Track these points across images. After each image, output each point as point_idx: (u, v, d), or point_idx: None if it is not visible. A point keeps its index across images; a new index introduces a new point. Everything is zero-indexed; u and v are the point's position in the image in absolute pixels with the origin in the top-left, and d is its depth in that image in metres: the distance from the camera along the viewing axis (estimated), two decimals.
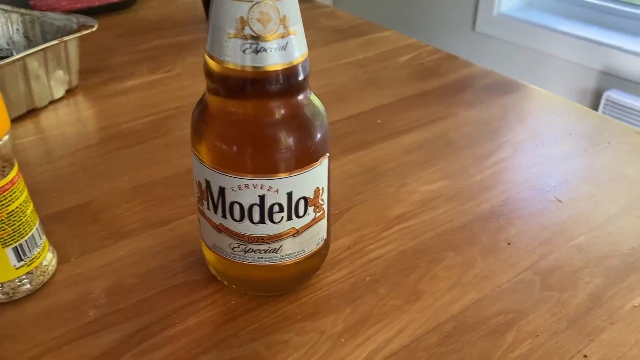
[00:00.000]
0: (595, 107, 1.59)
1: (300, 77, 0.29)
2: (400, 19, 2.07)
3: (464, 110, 0.56)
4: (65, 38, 0.54)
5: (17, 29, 0.62)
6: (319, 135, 0.31)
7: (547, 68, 1.70)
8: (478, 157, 0.48)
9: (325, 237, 0.34)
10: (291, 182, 0.30)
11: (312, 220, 0.32)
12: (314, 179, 0.31)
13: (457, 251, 0.39)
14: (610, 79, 1.54)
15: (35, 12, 0.60)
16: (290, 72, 0.28)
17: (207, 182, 0.31)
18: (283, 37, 0.27)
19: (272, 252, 0.32)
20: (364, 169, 0.47)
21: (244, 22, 0.27)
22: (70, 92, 0.58)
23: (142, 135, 0.51)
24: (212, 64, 0.29)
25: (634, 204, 0.43)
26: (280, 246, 0.32)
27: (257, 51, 0.27)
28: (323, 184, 0.32)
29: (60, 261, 0.37)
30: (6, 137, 0.31)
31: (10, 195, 0.32)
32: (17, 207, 0.32)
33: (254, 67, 0.28)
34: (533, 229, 0.41)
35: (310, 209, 0.32)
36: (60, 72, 0.56)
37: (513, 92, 0.60)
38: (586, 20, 1.66)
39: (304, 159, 0.30)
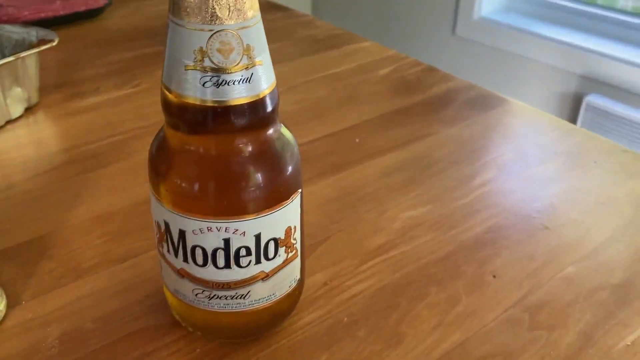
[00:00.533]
0: (575, 112, 1.59)
1: (268, 110, 0.27)
2: (380, 21, 2.05)
3: (446, 128, 0.54)
4: (23, 54, 0.50)
5: None
6: (289, 171, 0.28)
7: (528, 72, 1.69)
8: (462, 179, 0.46)
9: (298, 277, 0.32)
10: (259, 224, 0.27)
11: (284, 261, 0.30)
12: (285, 218, 0.29)
13: (441, 286, 0.36)
14: (591, 83, 1.53)
15: None
16: (256, 106, 0.26)
17: (166, 224, 0.28)
18: (247, 68, 0.25)
19: (240, 298, 0.29)
20: (341, 194, 0.44)
21: (202, 52, 0.24)
22: (29, 110, 0.55)
23: (104, 159, 0.48)
24: (169, 97, 0.26)
25: (623, 230, 0.41)
26: (249, 292, 0.29)
27: (218, 84, 0.24)
28: (295, 222, 0.30)
29: (11, 304, 0.34)
30: None
31: None
32: None
33: (216, 102, 0.25)
34: (520, 259, 0.38)
35: (282, 249, 0.29)
36: (18, 90, 0.52)
37: (496, 107, 0.58)
38: (566, 24, 1.66)
39: (274, 197, 0.28)
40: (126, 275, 0.36)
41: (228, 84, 0.25)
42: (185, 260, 0.28)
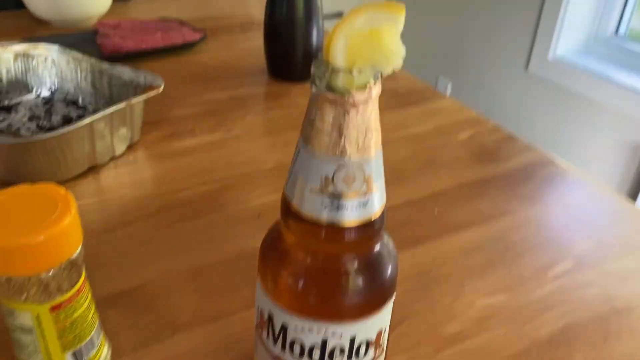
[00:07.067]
0: None
1: (377, 227, 0.29)
2: (454, 53, 2.05)
3: (525, 207, 0.54)
4: (133, 100, 0.54)
5: (85, 77, 0.63)
6: (387, 281, 0.30)
7: (600, 118, 1.66)
8: (538, 268, 0.47)
9: None
10: (356, 328, 0.30)
11: (372, 359, 0.32)
12: (379, 322, 0.31)
13: None
14: None
15: (105, 65, 0.61)
16: (367, 225, 0.28)
17: (270, 315, 0.30)
18: (365, 194, 0.27)
19: None
20: (419, 271, 0.46)
21: (328, 181, 0.26)
22: (131, 147, 0.59)
23: (199, 208, 0.51)
24: (290, 206, 0.28)
25: None
26: None
27: (338, 208, 0.27)
28: (386, 324, 0.32)
29: (114, 354, 0.37)
30: (80, 248, 0.31)
31: (75, 304, 0.32)
32: (80, 314, 0.32)
33: (332, 222, 0.27)
34: None
35: (371, 349, 0.31)
36: (124, 130, 0.57)
37: (576, 189, 0.58)
38: None
39: (371, 305, 0.30)
40: (217, 335, 0.39)
41: (346, 209, 0.27)
42: (283, 350, 0.31)
